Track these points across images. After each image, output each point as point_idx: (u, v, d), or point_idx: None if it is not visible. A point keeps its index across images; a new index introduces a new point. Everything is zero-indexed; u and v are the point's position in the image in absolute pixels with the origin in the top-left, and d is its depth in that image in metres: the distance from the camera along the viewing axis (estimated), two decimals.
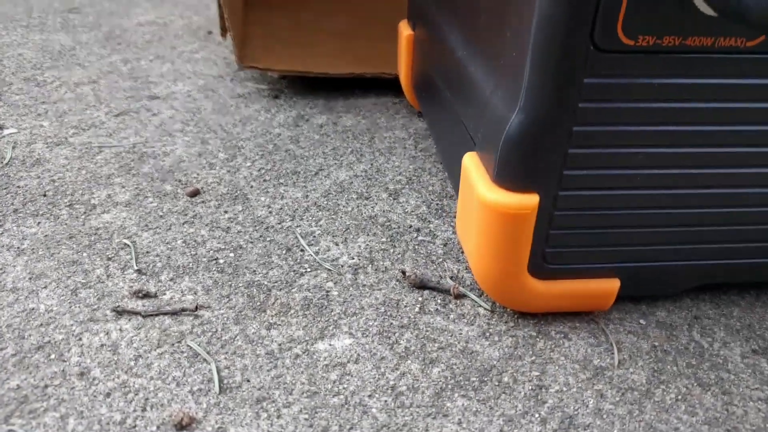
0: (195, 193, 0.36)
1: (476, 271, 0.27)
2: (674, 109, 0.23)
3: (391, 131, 0.44)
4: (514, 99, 0.23)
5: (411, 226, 0.34)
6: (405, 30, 0.43)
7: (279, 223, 0.34)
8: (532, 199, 0.24)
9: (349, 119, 0.46)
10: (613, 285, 0.27)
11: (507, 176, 0.24)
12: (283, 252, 0.32)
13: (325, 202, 0.36)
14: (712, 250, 0.27)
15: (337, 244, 0.32)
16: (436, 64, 0.37)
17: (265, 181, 0.37)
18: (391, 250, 0.32)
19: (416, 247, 0.32)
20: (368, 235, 0.33)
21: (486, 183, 0.25)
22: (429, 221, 0.34)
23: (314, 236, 0.33)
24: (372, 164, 0.40)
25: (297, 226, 0.34)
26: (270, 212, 0.35)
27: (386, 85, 0.50)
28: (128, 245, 0.31)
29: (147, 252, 0.31)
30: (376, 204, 0.36)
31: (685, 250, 0.27)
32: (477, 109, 0.28)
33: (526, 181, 0.24)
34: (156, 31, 0.62)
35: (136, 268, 0.30)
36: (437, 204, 0.36)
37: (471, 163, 0.27)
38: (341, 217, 0.34)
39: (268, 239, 0.32)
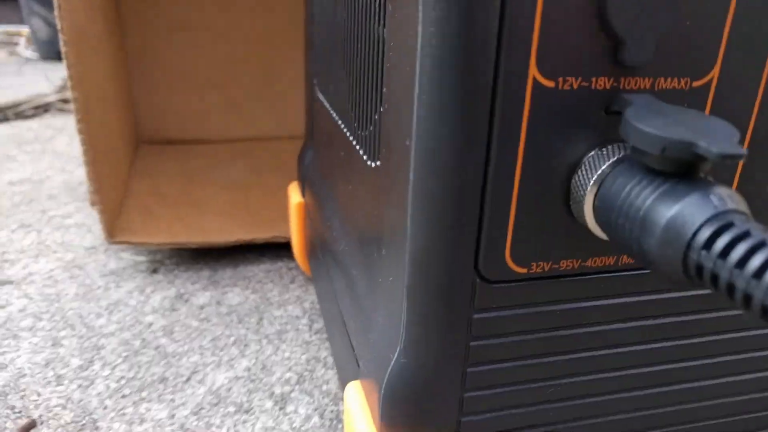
0: (29, 428, 0.28)
1: None
2: (581, 334, 0.19)
3: (284, 308, 0.39)
4: (395, 336, 0.19)
5: None
6: (294, 196, 0.39)
7: None
8: None
9: (235, 295, 0.40)
10: None
11: (393, 428, 0.19)
12: None
13: (195, 423, 0.29)
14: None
15: None
16: (323, 245, 0.32)
17: (123, 397, 0.31)
18: None
19: None
20: None
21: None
22: None
23: None
24: (257, 358, 0.34)
25: None
26: None
27: (283, 245, 0.45)
28: None
29: None
30: (258, 419, 0.30)
31: None
32: (360, 327, 0.23)
33: None
34: (28, 191, 0.56)
35: None
36: (332, 411, 0.30)
37: (355, 397, 0.21)
38: None
39: None
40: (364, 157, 0.22)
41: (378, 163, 0.20)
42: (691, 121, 0.14)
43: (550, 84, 0.15)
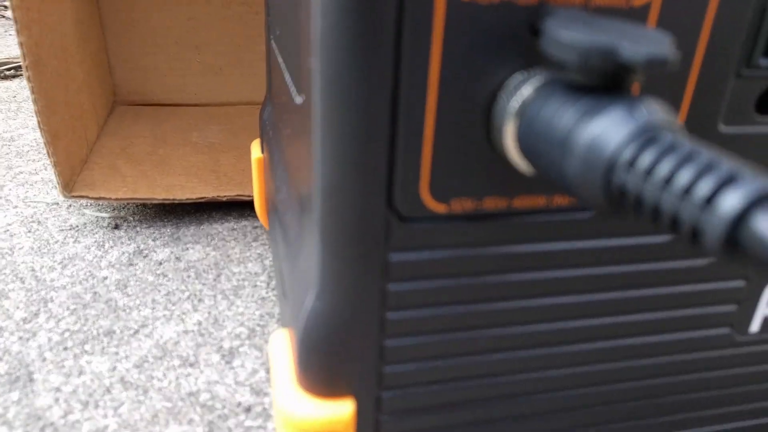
0: None
1: None
2: (510, 281, 0.18)
3: (243, 265, 0.38)
4: (311, 279, 0.18)
5: (240, 405, 0.27)
6: (255, 151, 0.38)
7: (63, 417, 0.26)
8: (344, 409, 0.18)
9: (196, 252, 0.39)
10: None
11: (311, 380, 0.18)
12: None
13: (136, 376, 0.28)
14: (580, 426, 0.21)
15: None
16: (273, 197, 0.31)
17: (65, 349, 0.30)
18: None
19: None
20: (181, 423, 0.26)
21: (289, 385, 0.19)
22: (265, 393, 0.27)
23: None
24: (210, 313, 0.33)
25: (87, 419, 0.26)
26: (57, 399, 0.27)
27: (250, 205, 0.44)
28: None
29: None
30: (202, 373, 0.29)
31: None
32: (288, 273, 0.22)
33: (336, 384, 0.18)
34: None
35: None
36: None
37: (279, 346, 0.20)
38: (151, 399, 0.27)
39: None
40: (293, 93, 0.21)
41: (302, 97, 0.19)
42: (618, 28, 0.12)
43: None
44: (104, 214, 0.43)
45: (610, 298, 0.19)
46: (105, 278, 0.36)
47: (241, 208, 0.44)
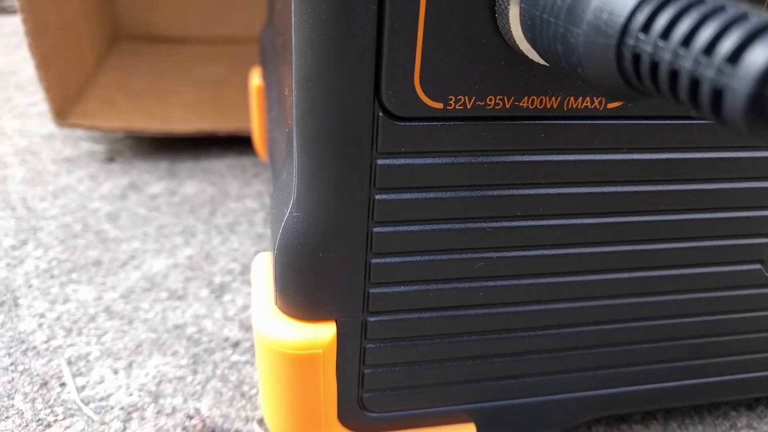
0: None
1: (270, 426, 0.19)
2: (515, 196, 0.16)
3: (241, 201, 0.36)
4: (291, 187, 0.16)
5: (227, 339, 0.26)
6: (255, 79, 0.36)
7: (46, 342, 0.25)
8: (325, 332, 0.16)
9: (192, 186, 0.37)
10: None
11: (289, 300, 0.17)
12: (35, 389, 0.23)
13: (122, 307, 0.27)
14: (596, 378, 0.20)
15: (116, 372, 0.24)
16: (268, 124, 0.29)
17: (51, 277, 0.29)
18: (190, 378, 0.24)
19: (226, 372, 0.24)
20: (165, 355, 0.25)
21: (267, 307, 0.17)
22: None
23: (88, 361, 0.24)
24: (203, 247, 0.32)
25: (69, 346, 0.25)
26: (40, 325, 0.26)
27: (251, 142, 0.42)
28: None
29: None
30: (191, 306, 0.27)
31: (559, 380, 0.19)
32: (272, 192, 0.20)
33: (316, 306, 0.16)
34: None
35: None
36: None
37: (260, 268, 0.19)
38: (136, 329, 0.26)
39: (20, 369, 0.24)
40: None
41: None
42: None
43: None
44: (100, 147, 0.42)
45: (628, 222, 0.17)
46: (96, 209, 0.34)
47: (242, 144, 0.42)
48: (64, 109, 0.39)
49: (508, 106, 0.14)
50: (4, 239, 0.31)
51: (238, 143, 0.42)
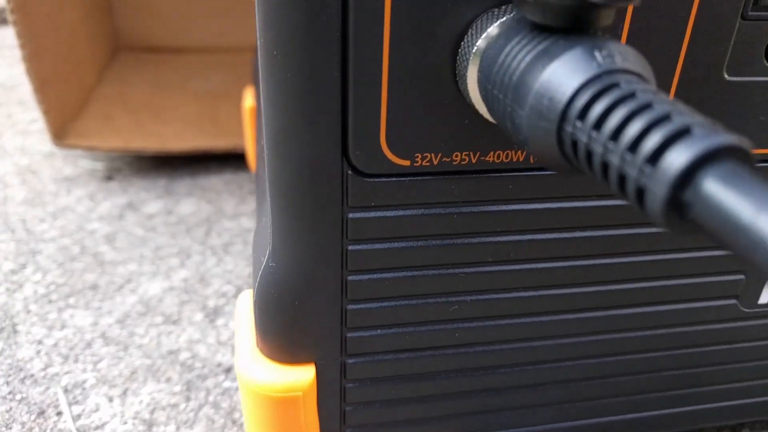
0: None
1: None
2: (485, 243, 0.16)
3: (236, 220, 0.37)
4: (268, 237, 0.16)
5: (220, 365, 0.26)
6: (248, 100, 0.36)
7: (44, 369, 0.26)
8: (304, 375, 0.17)
9: (189, 205, 0.38)
10: None
11: (269, 344, 0.17)
12: (32, 418, 0.23)
13: (117, 332, 0.28)
14: (576, 409, 0.20)
15: (111, 400, 0.24)
16: (257, 149, 0.30)
17: (49, 302, 0.29)
18: (183, 406, 0.24)
19: (218, 398, 0.25)
20: (159, 381, 0.25)
21: (249, 348, 0.18)
22: None
23: (84, 389, 0.25)
24: (198, 269, 0.32)
25: (66, 373, 0.25)
26: (38, 352, 0.27)
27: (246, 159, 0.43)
28: None
29: None
30: (184, 331, 0.28)
31: (538, 413, 0.20)
32: (255, 232, 0.21)
33: (296, 350, 0.17)
34: (0, 95, 0.54)
35: None
36: None
37: (243, 309, 0.19)
38: (131, 355, 0.27)
39: (17, 397, 0.24)
40: None
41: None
42: None
43: None
44: (99, 165, 0.42)
45: (602, 264, 0.17)
46: (94, 232, 0.35)
47: (239, 159, 0.43)
48: (62, 130, 0.39)
49: (474, 161, 0.15)
50: (3, 263, 0.32)
51: (235, 158, 0.43)
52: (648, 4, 0.14)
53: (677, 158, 0.08)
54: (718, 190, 0.08)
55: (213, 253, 0.33)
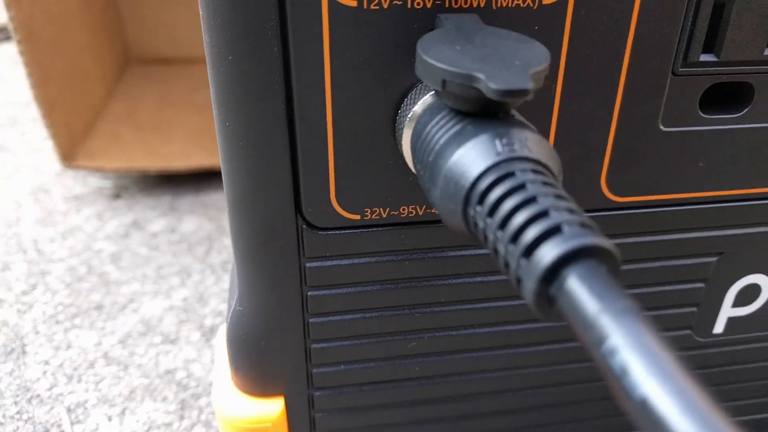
0: None
1: None
2: (439, 286, 0.17)
3: None
4: (236, 282, 0.18)
5: (213, 384, 0.28)
6: None
7: (49, 389, 0.27)
8: (273, 408, 0.18)
9: (191, 223, 0.39)
10: None
11: (241, 378, 0.18)
12: None
13: (119, 352, 0.29)
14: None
15: (110, 419, 0.26)
16: None
17: (57, 322, 0.31)
18: (177, 425, 0.26)
19: (210, 417, 0.26)
20: (155, 400, 0.27)
21: (225, 381, 0.19)
22: None
23: (85, 408, 0.26)
24: (197, 288, 0.34)
25: (70, 393, 0.27)
26: (45, 372, 0.28)
27: None
28: None
29: None
30: (182, 350, 0.29)
31: None
32: (233, 268, 0.22)
33: (265, 384, 0.18)
34: (12, 113, 0.56)
35: None
36: None
37: (220, 343, 0.21)
38: (131, 375, 0.28)
39: (24, 417, 0.26)
40: None
41: None
42: (490, 47, 0.11)
43: (350, 2, 0.13)
44: (107, 183, 0.44)
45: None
46: (100, 251, 0.37)
47: None
48: (70, 152, 0.41)
49: (421, 213, 0.16)
50: (15, 284, 0.34)
51: None
52: (579, 64, 0.15)
53: (546, 255, 0.09)
54: (576, 288, 0.09)
55: (212, 272, 0.35)
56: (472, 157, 0.11)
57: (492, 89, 0.10)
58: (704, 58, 0.15)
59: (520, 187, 0.10)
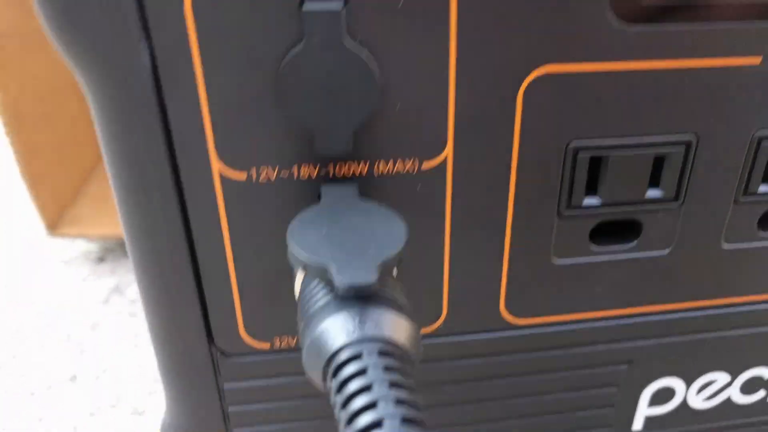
0: None
1: None
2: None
3: None
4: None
5: None
6: None
7: None
8: None
9: None
10: None
11: None
12: None
13: (90, 423, 0.31)
14: None
15: None
16: None
17: (31, 395, 0.33)
18: None
19: None
20: None
21: None
22: None
23: None
24: None
25: None
26: None
27: None
28: None
29: None
30: (148, 420, 0.31)
31: None
32: None
33: None
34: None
35: None
36: None
37: None
38: None
39: None
40: None
41: None
42: (351, 231, 0.13)
43: (240, 177, 0.14)
44: (93, 246, 0.46)
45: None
46: (81, 320, 0.38)
47: None
48: (55, 220, 0.43)
49: None
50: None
51: None
52: (466, 215, 0.16)
53: None
54: None
55: None
56: (331, 335, 0.12)
57: (338, 283, 0.11)
58: (588, 201, 0.16)
59: (362, 372, 0.11)
